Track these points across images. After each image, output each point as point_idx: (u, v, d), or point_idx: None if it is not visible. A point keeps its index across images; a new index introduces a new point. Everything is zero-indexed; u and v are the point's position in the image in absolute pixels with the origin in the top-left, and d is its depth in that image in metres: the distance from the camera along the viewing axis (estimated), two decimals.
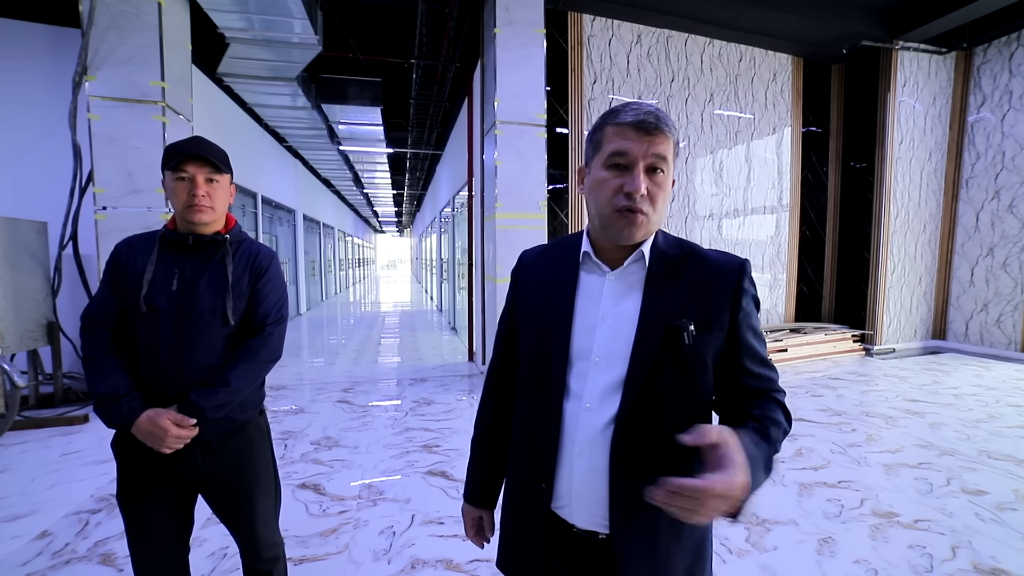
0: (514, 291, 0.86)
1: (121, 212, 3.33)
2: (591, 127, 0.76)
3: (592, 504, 0.71)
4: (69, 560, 1.77)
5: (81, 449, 2.79)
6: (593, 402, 0.70)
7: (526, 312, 0.81)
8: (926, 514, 2.12)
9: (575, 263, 0.77)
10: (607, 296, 0.73)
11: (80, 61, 3.18)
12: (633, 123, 0.67)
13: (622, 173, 0.68)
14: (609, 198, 0.68)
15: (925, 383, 4.31)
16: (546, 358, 0.75)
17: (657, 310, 0.69)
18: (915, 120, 5.41)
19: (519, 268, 0.87)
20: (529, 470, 0.77)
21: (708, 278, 0.72)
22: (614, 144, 0.68)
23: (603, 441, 0.69)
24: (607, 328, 0.71)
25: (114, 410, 1.03)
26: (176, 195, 1.14)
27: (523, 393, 0.82)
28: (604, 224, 0.71)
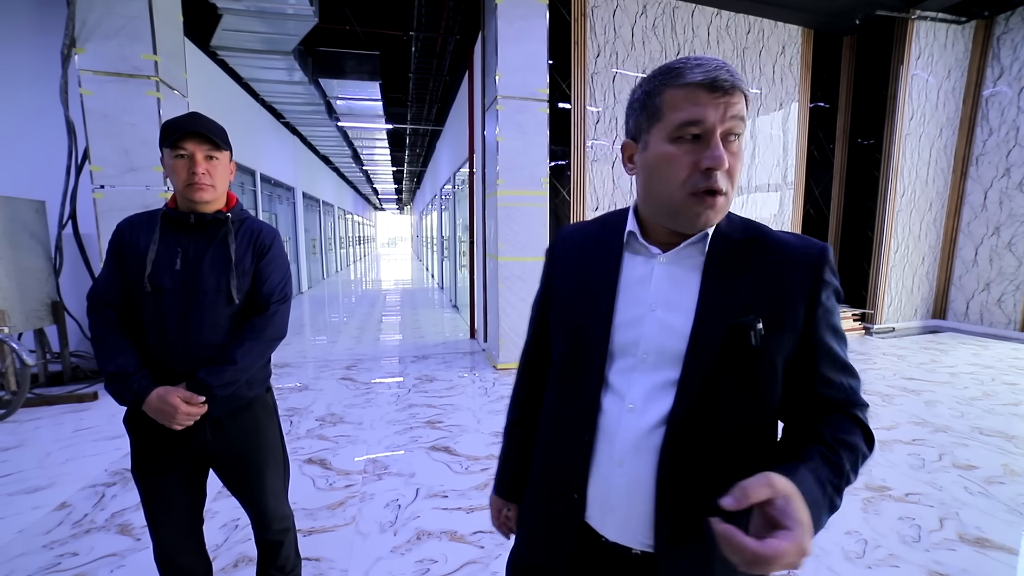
0: (548, 271, 0.77)
1: (119, 191, 3.30)
2: (639, 90, 0.61)
3: (631, 519, 0.62)
4: (89, 530, 1.84)
5: (93, 425, 2.86)
6: (638, 404, 0.61)
7: (561, 297, 0.72)
8: (917, 488, 2.18)
9: (618, 243, 0.67)
10: (658, 283, 0.62)
11: (67, 33, 3.09)
12: (705, 83, 0.54)
13: (694, 146, 0.56)
14: (683, 178, 0.56)
15: (923, 362, 4.35)
16: (581, 350, 0.66)
17: (719, 303, 0.59)
18: (927, 94, 5.27)
19: (554, 246, 0.77)
20: (557, 475, 0.69)
21: (781, 267, 0.60)
22: (685, 111, 0.55)
23: (648, 449, 0.60)
24: (656, 320, 0.61)
25: (124, 388, 1.05)
26: (175, 173, 1.13)
27: (556, 387, 0.73)
28: (673, 209, 0.59)
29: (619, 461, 0.61)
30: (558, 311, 0.73)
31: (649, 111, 0.59)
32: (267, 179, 7.74)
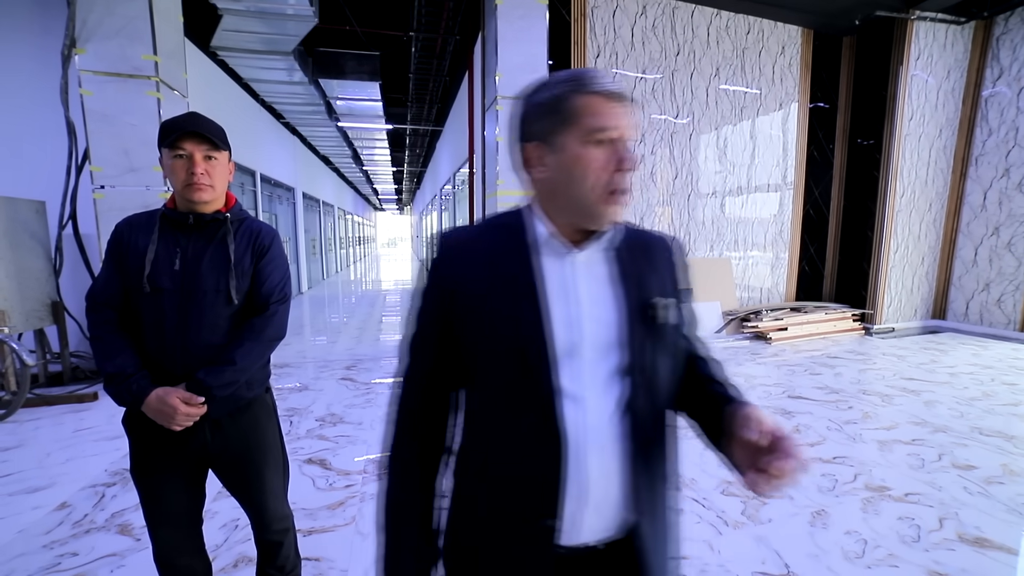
0: (445, 287, 0.66)
1: (119, 191, 3.30)
2: (545, 94, 0.63)
3: (606, 510, 0.63)
4: (89, 530, 1.84)
5: (93, 425, 2.86)
6: (595, 401, 0.62)
7: (475, 313, 0.64)
8: (917, 488, 2.18)
9: (527, 246, 0.65)
10: (580, 280, 0.65)
11: (68, 33, 3.09)
12: (612, 92, 0.60)
13: (607, 149, 0.61)
14: (600, 179, 0.60)
15: (922, 362, 4.35)
16: (522, 363, 0.61)
17: (633, 289, 0.66)
18: (927, 95, 5.27)
19: (444, 261, 0.67)
20: (518, 503, 0.63)
21: (660, 254, 0.71)
22: (600, 117, 0.60)
23: (613, 438, 0.62)
24: (588, 316, 0.64)
25: (123, 389, 1.05)
26: (174, 173, 1.13)
27: (492, 409, 0.65)
28: (589, 207, 0.62)
29: (593, 461, 0.62)
30: (475, 328, 0.65)
31: (561, 116, 0.61)
32: (267, 179, 7.75)
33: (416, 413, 0.70)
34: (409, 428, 0.70)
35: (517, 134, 0.68)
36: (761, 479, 0.54)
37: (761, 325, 5.22)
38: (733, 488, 2.20)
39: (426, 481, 0.70)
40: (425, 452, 0.70)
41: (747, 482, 0.55)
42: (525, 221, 0.67)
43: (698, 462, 2.44)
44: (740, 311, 5.46)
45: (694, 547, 1.79)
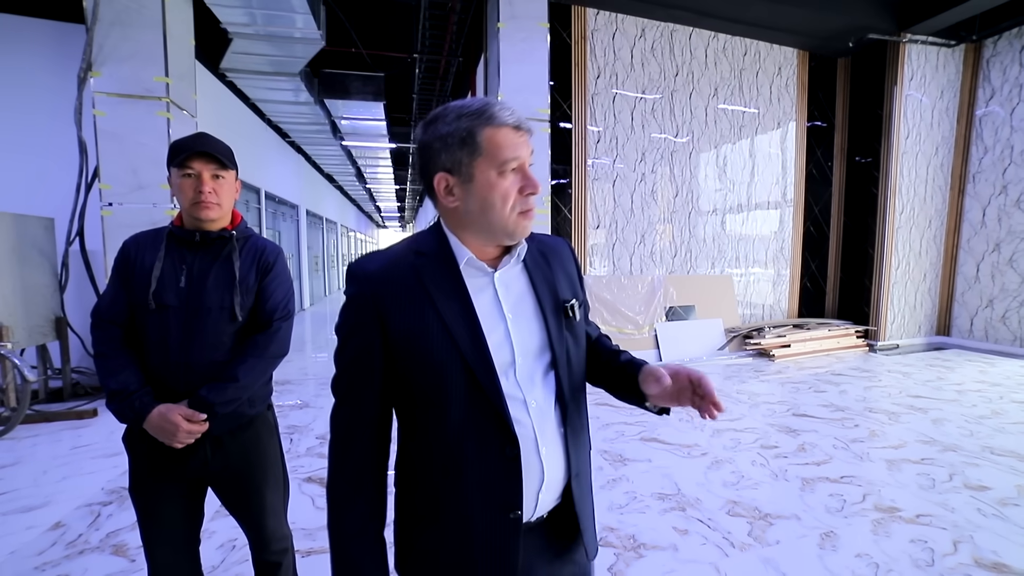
0: (375, 315, 0.67)
1: (127, 208, 3.35)
2: (444, 130, 0.67)
3: (556, 485, 0.73)
4: (83, 551, 1.81)
5: (91, 443, 2.83)
6: (538, 398, 0.71)
7: (412, 336, 0.67)
8: (928, 509, 2.13)
9: (453, 270, 0.69)
10: (502, 295, 0.71)
11: (85, 57, 3.19)
12: (515, 124, 0.67)
13: (515, 176, 0.67)
14: (511, 204, 0.67)
15: (929, 379, 4.30)
16: (468, 378, 0.66)
17: (546, 295, 0.75)
18: (922, 114, 5.36)
19: (366, 291, 0.68)
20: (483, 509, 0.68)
21: (560, 258, 0.81)
22: (507, 149, 0.65)
23: (555, 425, 0.73)
24: (515, 325, 0.71)
25: (126, 406, 1.05)
26: (182, 192, 1.15)
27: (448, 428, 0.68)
28: (504, 228, 0.68)
29: (544, 449, 0.71)
30: (414, 354, 0.67)
31: (471, 148, 0.66)
32: (272, 197, 7.85)
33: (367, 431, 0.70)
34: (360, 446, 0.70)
35: (421, 166, 0.71)
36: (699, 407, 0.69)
37: (764, 342, 5.19)
38: (739, 508, 2.15)
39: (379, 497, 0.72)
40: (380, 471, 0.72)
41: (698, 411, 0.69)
42: (446, 246, 0.71)
43: (703, 482, 2.40)
44: (742, 328, 5.43)
45: (699, 570, 1.74)
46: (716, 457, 2.69)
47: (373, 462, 0.71)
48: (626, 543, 1.89)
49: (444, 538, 0.70)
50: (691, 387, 0.70)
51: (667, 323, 5.10)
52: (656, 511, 2.14)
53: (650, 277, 5.13)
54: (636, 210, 5.05)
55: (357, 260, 0.71)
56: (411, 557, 0.73)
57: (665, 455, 2.72)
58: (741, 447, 2.83)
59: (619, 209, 4.97)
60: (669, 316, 5.15)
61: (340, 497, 0.70)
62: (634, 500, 2.23)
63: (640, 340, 4.93)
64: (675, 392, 0.71)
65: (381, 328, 0.67)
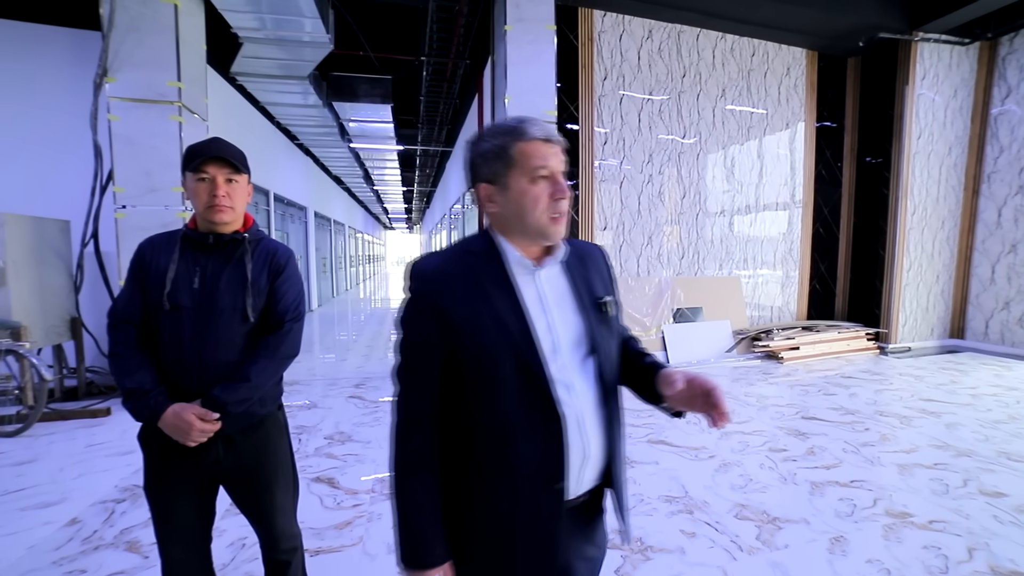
0: (437, 306, 0.76)
1: (140, 210, 3.41)
2: (485, 147, 0.78)
3: (597, 463, 0.81)
4: (97, 547, 1.84)
5: (105, 441, 2.89)
6: (579, 382, 0.79)
7: (469, 327, 0.75)
8: (941, 515, 2.10)
9: (501, 268, 0.79)
10: (545, 291, 0.81)
11: (101, 63, 3.26)
12: (544, 138, 0.76)
13: (545, 183, 0.76)
14: (542, 208, 0.76)
15: (942, 382, 4.24)
16: (519, 363, 0.75)
17: (582, 292, 0.83)
18: (934, 113, 5.28)
19: (428, 288, 0.77)
20: (531, 481, 0.76)
21: (595, 260, 0.89)
22: (536, 159, 0.75)
23: (594, 406, 0.80)
24: (558, 318, 0.80)
25: (141, 405, 1.07)
26: (197, 196, 1.17)
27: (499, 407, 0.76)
28: (538, 230, 0.78)
29: (586, 427, 0.78)
30: (472, 347, 0.75)
31: (505, 160, 0.76)
32: (280, 199, 7.93)
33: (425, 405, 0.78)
34: (420, 417, 0.78)
35: (468, 178, 0.83)
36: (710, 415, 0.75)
37: (772, 344, 5.15)
38: (747, 512, 2.14)
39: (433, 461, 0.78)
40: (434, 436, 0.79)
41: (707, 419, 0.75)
42: (494, 246, 0.80)
43: (710, 484, 2.38)
44: (750, 330, 5.39)
45: (707, 573, 1.74)
46: (724, 460, 2.68)
47: (431, 443, 0.78)
48: (633, 545, 1.89)
49: (489, 511, 0.77)
50: (703, 396, 0.75)
51: (674, 325, 5.08)
52: (663, 513, 2.13)
53: (657, 279, 5.11)
54: (643, 212, 5.03)
55: (417, 260, 0.80)
56: (454, 533, 0.79)
57: (672, 457, 2.70)
58: (749, 450, 2.81)
59: (626, 211, 4.95)
60: (676, 318, 5.12)
61: (403, 476, 0.78)
62: (641, 502, 2.23)
63: (647, 342, 4.91)
64: (688, 398, 0.77)
65: (441, 319, 0.75)
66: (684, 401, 0.78)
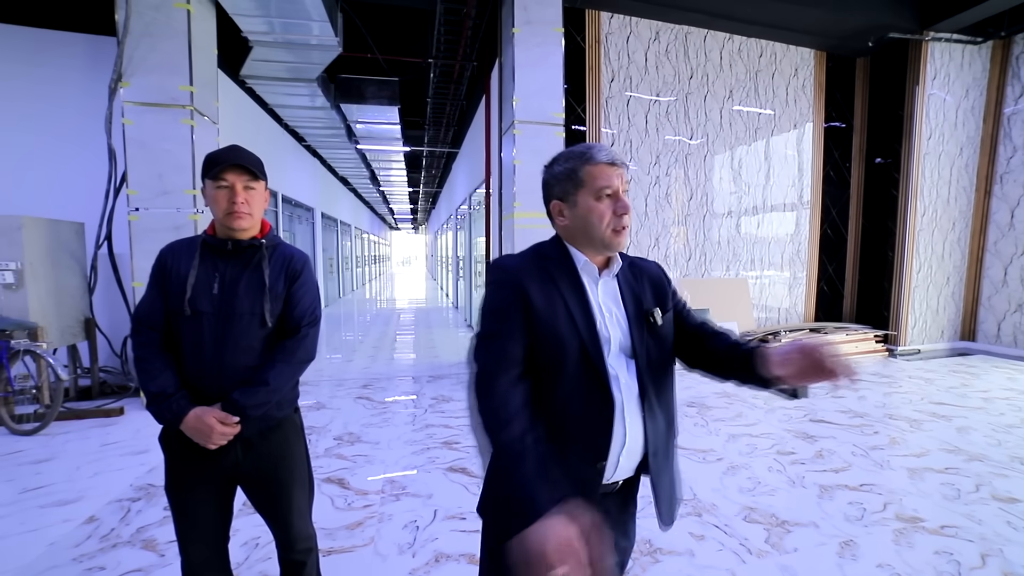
0: (523, 293, 0.85)
1: (152, 213, 3.45)
2: (560, 167, 0.91)
3: (635, 453, 0.89)
4: (115, 544, 1.88)
5: (119, 440, 2.93)
6: (625, 378, 0.89)
7: (546, 315, 0.86)
8: (953, 520, 2.09)
9: (574, 271, 0.91)
10: (603, 295, 0.93)
11: (116, 68, 3.31)
12: (608, 162, 0.88)
13: (609, 201, 0.88)
14: (608, 222, 0.88)
15: (952, 385, 4.20)
16: (584, 353, 0.86)
17: (633, 302, 0.94)
18: (945, 114, 5.23)
19: (511, 277, 0.87)
20: (578, 454, 0.86)
21: (651, 275, 1.00)
22: (601, 180, 0.87)
23: (635, 403, 0.89)
24: (612, 320, 0.91)
25: (164, 408, 1.10)
26: (216, 203, 1.19)
27: (559, 386, 0.86)
28: (603, 243, 0.89)
29: (628, 419, 0.87)
30: (548, 332, 0.86)
31: (574, 181, 0.89)
32: (288, 200, 7.99)
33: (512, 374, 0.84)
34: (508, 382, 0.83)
35: (543, 196, 0.97)
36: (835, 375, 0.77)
37: None
38: (756, 515, 2.14)
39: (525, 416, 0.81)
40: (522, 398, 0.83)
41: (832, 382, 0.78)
42: (567, 253, 0.93)
43: (718, 487, 2.39)
44: (758, 332, 5.36)
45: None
46: (732, 463, 2.67)
47: (517, 390, 0.82)
48: (642, 548, 1.90)
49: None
50: (812, 363, 0.78)
51: None
52: None
53: None
54: (650, 213, 5.03)
55: (498, 259, 0.94)
56: (502, 498, 0.88)
57: (680, 459, 2.70)
58: (757, 453, 2.81)
59: (633, 212, 4.95)
60: None
61: (494, 424, 0.79)
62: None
63: None
64: (799, 371, 0.80)
65: (525, 300, 0.86)
66: (796, 375, 0.80)
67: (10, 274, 3.08)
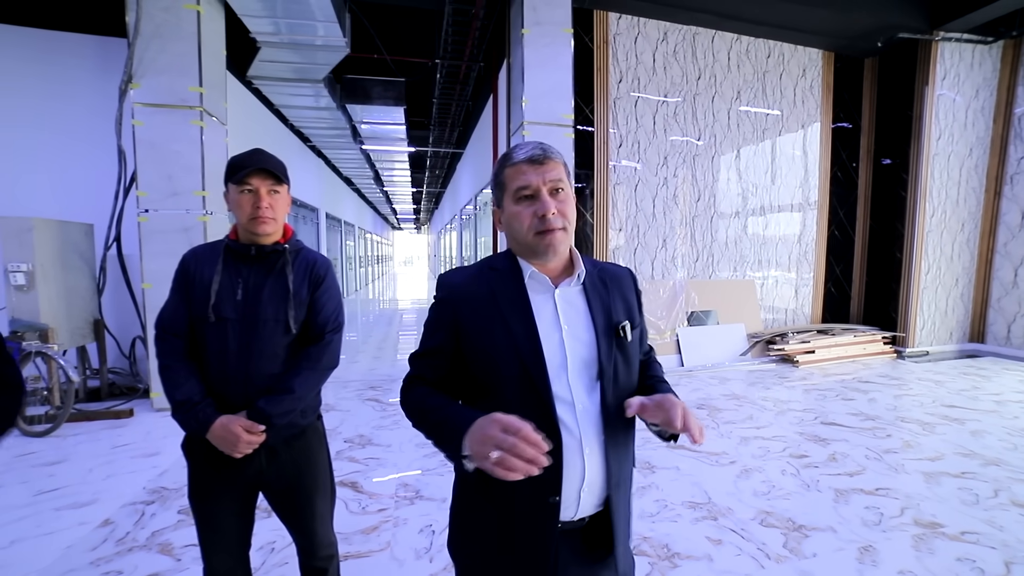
0: (454, 316, 0.83)
1: (161, 214, 3.45)
2: (493, 175, 0.87)
3: (597, 488, 0.80)
4: (131, 548, 1.88)
5: (130, 442, 2.93)
6: (582, 403, 0.79)
7: (480, 335, 0.80)
8: (974, 526, 2.07)
9: (520, 284, 0.83)
10: (562, 311, 0.83)
11: (126, 69, 3.31)
12: (526, 159, 0.80)
13: (531, 203, 0.79)
14: (527, 226, 0.80)
15: (963, 388, 4.18)
16: (523, 376, 0.77)
17: (600, 315, 0.84)
18: (955, 114, 5.20)
19: (449, 296, 0.84)
20: (528, 491, 0.76)
21: (620, 286, 0.90)
22: (517, 181, 0.80)
23: (596, 430, 0.79)
24: (570, 336, 0.81)
25: (190, 416, 1.09)
26: (240, 207, 1.18)
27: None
28: (531, 248, 0.81)
29: (585, 449, 0.78)
30: (481, 352, 0.80)
31: (499, 185, 0.84)
32: (293, 200, 7.99)
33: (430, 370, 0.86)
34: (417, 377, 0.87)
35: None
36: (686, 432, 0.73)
37: (788, 348, 5.10)
38: (772, 519, 2.13)
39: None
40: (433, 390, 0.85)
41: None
42: (516, 264, 0.85)
43: (733, 491, 2.37)
44: (765, 333, 5.35)
45: None
46: (745, 465, 2.66)
47: (433, 387, 0.85)
48: (660, 552, 1.89)
49: (491, 517, 0.81)
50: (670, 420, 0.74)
51: (689, 328, 5.05)
52: (688, 520, 2.12)
53: (671, 282, 5.08)
54: (658, 214, 5.01)
55: (444, 273, 0.89)
56: (462, 536, 0.87)
57: (693, 463, 2.69)
58: (770, 456, 2.79)
59: (640, 213, 4.94)
60: (690, 321, 5.10)
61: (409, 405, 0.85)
62: (665, 508, 2.22)
63: (662, 345, 4.89)
64: (668, 420, 0.74)
65: (455, 319, 0.83)
66: (663, 424, 0.75)
67: (21, 276, 3.08)
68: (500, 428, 0.66)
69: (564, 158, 0.84)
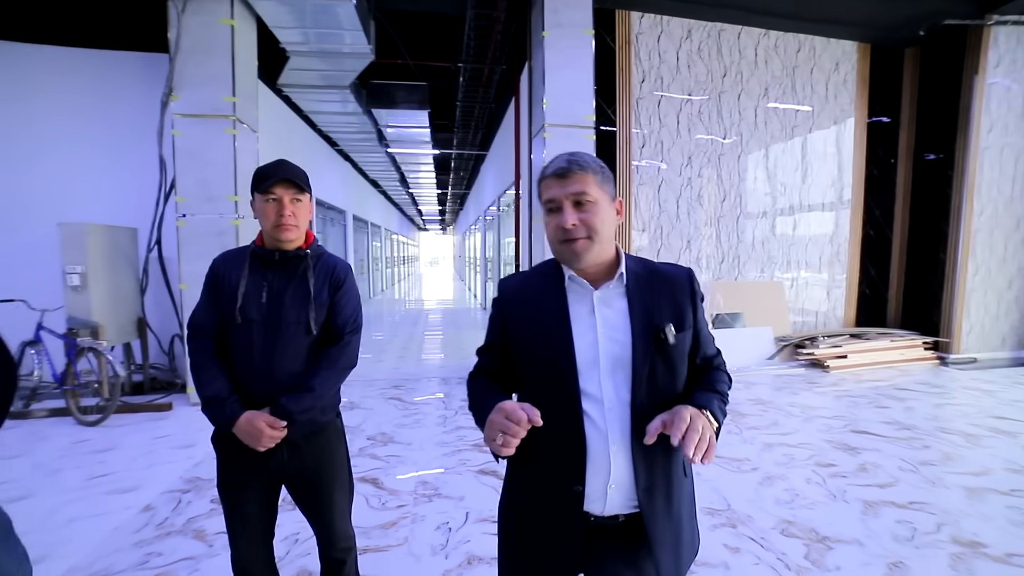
0: (503, 318, 0.95)
1: (198, 218, 3.65)
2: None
3: (626, 487, 0.82)
4: (169, 532, 2.01)
5: (169, 434, 3.12)
6: (610, 401, 0.82)
7: (523, 335, 0.90)
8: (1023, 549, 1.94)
9: (560, 286, 0.89)
10: (599, 312, 0.86)
11: (168, 83, 3.52)
12: (552, 174, 0.84)
13: (557, 215, 0.84)
14: (553, 236, 0.86)
15: (1016, 398, 3.91)
16: (555, 373, 0.84)
17: (641, 318, 0.85)
18: (1010, 103, 4.87)
19: (504, 295, 0.96)
20: (553, 476, 0.85)
21: (671, 287, 0.89)
22: (545, 194, 0.86)
23: (624, 429, 0.81)
24: (605, 337, 0.84)
25: (218, 412, 1.16)
26: (265, 215, 1.25)
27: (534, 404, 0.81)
28: (558, 255, 0.88)
29: (613, 449, 0.81)
30: (522, 347, 0.90)
31: (539, 197, 0.90)
32: (321, 203, 8.24)
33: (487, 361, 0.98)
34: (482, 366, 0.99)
35: None
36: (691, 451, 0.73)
37: (818, 352, 4.91)
38: (794, 528, 2.07)
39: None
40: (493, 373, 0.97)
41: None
42: (558, 268, 0.91)
43: (754, 498, 2.32)
44: (794, 337, 5.16)
45: None
46: (768, 473, 2.59)
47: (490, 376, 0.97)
48: None
49: (524, 495, 0.91)
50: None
51: (714, 331, 4.93)
52: (705, 527, 2.09)
53: None
54: (682, 215, 4.92)
55: (505, 277, 1.00)
56: (508, 506, 0.96)
57: (713, 468, 2.64)
58: (795, 463, 2.71)
59: (664, 214, 4.86)
60: (716, 324, 4.98)
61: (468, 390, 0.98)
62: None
63: None
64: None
65: (503, 322, 0.95)
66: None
67: (77, 277, 3.33)
68: (504, 416, 0.75)
69: (597, 166, 0.85)
